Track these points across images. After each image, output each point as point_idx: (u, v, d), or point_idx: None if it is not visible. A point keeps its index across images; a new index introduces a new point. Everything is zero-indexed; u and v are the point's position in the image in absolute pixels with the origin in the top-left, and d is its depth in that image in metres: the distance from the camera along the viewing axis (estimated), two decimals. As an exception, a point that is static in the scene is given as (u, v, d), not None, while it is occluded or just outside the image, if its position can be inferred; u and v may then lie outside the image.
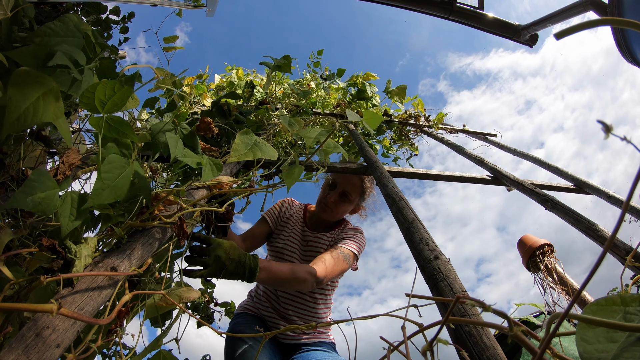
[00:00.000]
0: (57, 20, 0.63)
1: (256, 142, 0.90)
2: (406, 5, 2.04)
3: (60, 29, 0.63)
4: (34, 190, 0.52)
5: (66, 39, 0.63)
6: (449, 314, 0.36)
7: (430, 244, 0.84)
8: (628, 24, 0.26)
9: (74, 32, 0.64)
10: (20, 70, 0.56)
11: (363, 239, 1.41)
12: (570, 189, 1.86)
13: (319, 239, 1.47)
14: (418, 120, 2.86)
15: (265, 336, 0.57)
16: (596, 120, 0.25)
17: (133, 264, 0.68)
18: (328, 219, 1.50)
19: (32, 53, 0.58)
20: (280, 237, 1.50)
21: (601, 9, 1.74)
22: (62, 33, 0.63)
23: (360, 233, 1.44)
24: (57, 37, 0.61)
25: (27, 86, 0.57)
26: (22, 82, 0.56)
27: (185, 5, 1.74)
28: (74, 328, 0.52)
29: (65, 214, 0.57)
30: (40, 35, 0.60)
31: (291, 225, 1.53)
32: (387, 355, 0.42)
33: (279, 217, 1.57)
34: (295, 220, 1.55)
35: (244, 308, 1.48)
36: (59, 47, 0.61)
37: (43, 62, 0.58)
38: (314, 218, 1.55)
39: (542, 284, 1.63)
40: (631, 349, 0.27)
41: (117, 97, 0.61)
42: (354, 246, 1.34)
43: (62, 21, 0.63)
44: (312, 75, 2.78)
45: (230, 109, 1.45)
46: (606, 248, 0.25)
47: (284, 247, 1.45)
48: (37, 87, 0.58)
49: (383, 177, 1.34)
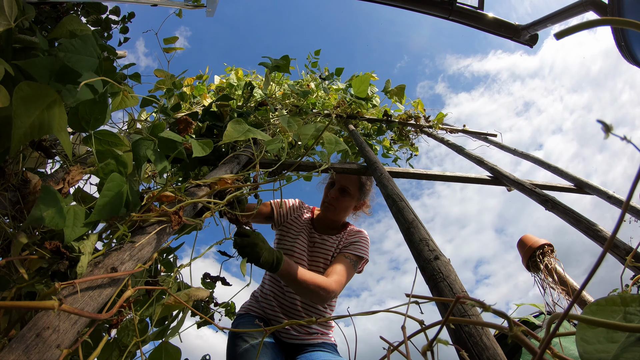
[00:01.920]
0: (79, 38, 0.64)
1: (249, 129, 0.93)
2: (406, 5, 2.04)
3: (81, 47, 0.64)
4: (46, 206, 0.56)
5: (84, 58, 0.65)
6: (449, 314, 0.36)
7: (430, 244, 0.84)
8: (628, 24, 0.26)
9: (92, 52, 0.66)
10: (23, 84, 0.57)
11: (367, 241, 1.47)
12: (571, 189, 1.86)
13: (325, 242, 1.49)
14: (418, 120, 2.86)
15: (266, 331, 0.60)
16: (596, 120, 0.25)
17: (134, 263, 0.68)
18: (332, 217, 1.53)
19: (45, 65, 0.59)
20: (288, 237, 1.52)
21: (601, 9, 1.74)
22: (82, 51, 0.64)
23: (364, 235, 1.49)
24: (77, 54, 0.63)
25: (32, 99, 0.58)
26: (26, 96, 0.57)
27: (185, 5, 1.74)
28: (75, 328, 0.52)
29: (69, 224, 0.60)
30: (63, 51, 0.61)
31: (299, 226, 1.55)
32: (387, 355, 0.42)
33: (287, 213, 1.59)
34: (303, 221, 1.57)
35: (247, 309, 1.48)
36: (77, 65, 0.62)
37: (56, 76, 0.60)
38: (320, 220, 1.58)
39: (542, 284, 1.63)
40: (631, 350, 0.27)
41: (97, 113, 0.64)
42: (361, 250, 1.40)
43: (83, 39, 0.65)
44: (312, 76, 2.78)
45: (223, 113, 1.45)
46: (606, 248, 0.25)
47: (293, 246, 1.47)
48: (42, 99, 0.59)
49: (383, 177, 1.34)
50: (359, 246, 1.41)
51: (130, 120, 1.32)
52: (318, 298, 1.16)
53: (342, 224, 1.59)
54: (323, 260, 1.45)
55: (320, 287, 1.14)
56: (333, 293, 1.18)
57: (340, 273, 1.26)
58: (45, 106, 0.60)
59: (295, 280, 1.09)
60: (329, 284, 1.18)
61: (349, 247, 1.42)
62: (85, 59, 0.65)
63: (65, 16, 0.99)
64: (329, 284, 1.18)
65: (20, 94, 0.57)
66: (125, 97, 0.98)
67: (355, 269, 1.36)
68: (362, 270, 1.47)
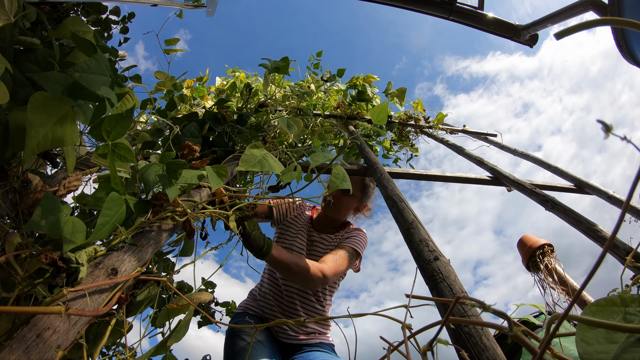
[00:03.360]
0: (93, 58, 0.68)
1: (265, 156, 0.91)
2: (406, 5, 2.04)
3: (95, 66, 0.67)
4: (46, 214, 0.56)
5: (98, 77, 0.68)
6: (448, 314, 0.36)
7: (430, 244, 0.84)
8: (628, 24, 0.26)
9: (104, 70, 0.69)
10: (39, 94, 0.59)
11: (365, 237, 1.47)
12: (571, 189, 1.86)
13: (323, 240, 1.51)
14: (418, 121, 2.86)
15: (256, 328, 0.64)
16: (596, 119, 0.25)
17: (133, 265, 0.68)
18: (332, 215, 1.54)
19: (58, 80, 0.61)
20: (287, 235, 1.53)
21: (601, 9, 1.74)
22: (95, 70, 0.68)
23: (362, 232, 1.50)
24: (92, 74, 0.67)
25: (45, 111, 0.60)
26: (41, 107, 0.59)
27: (186, 5, 1.75)
28: (75, 329, 0.53)
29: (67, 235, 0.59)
30: (79, 71, 0.64)
31: (299, 224, 1.56)
32: (387, 355, 0.42)
33: (286, 211, 1.61)
34: (303, 220, 1.58)
35: (245, 308, 1.48)
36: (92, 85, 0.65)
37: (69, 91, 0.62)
38: (321, 219, 1.59)
39: (542, 284, 1.63)
40: (631, 350, 0.27)
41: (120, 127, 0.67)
42: (356, 244, 1.40)
43: (96, 59, 0.68)
44: (313, 77, 2.78)
45: (225, 116, 1.46)
46: (606, 248, 0.25)
47: (292, 244, 1.48)
48: (55, 111, 0.62)
49: (383, 178, 1.35)
50: (355, 240, 1.42)
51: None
52: (311, 283, 1.16)
53: (341, 223, 1.60)
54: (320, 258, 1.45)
55: (312, 272, 1.14)
56: (325, 278, 1.18)
57: (333, 260, 1.27)
58: (58, 119, 0.62)
59: (286, 266, 1.09)
60: (321, 268, 1.18)
61: (346, 240, 1.43)
62: (99, 78, 0.68)
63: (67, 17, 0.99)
64: (321, 268, 1.18)
65: (35, 103, 0.58)
66: (125, 99, 0.99)
67: (350, 260, 1.35)
68: (359, 269, 1.48)
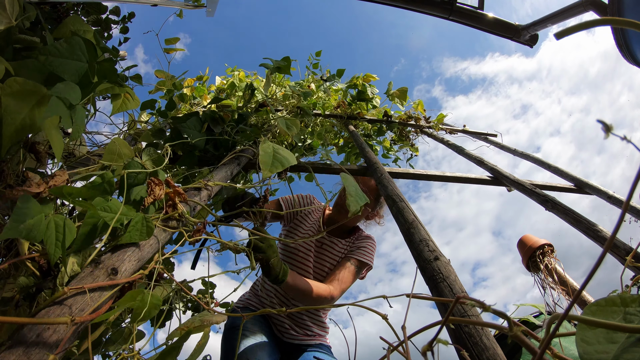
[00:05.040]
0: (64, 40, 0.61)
1: (275, 150, 0.87)
2: (407, 5, 2.04)
3: (66, 50, 0.61)
4: (24, 217, 0.52)
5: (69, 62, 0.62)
6: (448, 314, 0.36)
7: (430, 245, 0.84)
8: (628, 24, 0.26)
9: (80, 55, 0.63)
10: (11, 80, 0.55)
11: (374, 246, 1.47)
12: (571, 189, 1.85)
13: (334, 245, 1.48)
14: (418, 121, 2.86)
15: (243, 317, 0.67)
16: (596, 119, 0.25)
17: (134, 265, 0.68)
18: (343, 220, 1.49)
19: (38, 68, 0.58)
20: (295, 235, 1.50)
21: (601, 9, 1.74)
22: (67, 55, 0.61)
23: (372, 241, 1.48)
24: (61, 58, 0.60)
25: (21, 95, 0.56)
26: (15, 92, 0.55)
27: (186, 5, 1.75)
28: (75, 329, 0.52)
29: (52, 241, 0.56)
30: (45, 54, 0.59)
31: (308, 225, 1.52)
32: (387, 355, 0.42)
33: (296, 211, 1.57)
34: (313, 220, 1.54)
35: (246, 302, 1.47)
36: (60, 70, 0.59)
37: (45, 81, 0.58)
38: (331, 222, 1.55)
39: (542, 284, 1.63)
40: (631, 350, 0.27)
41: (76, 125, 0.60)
42: (366, 256, 1.40)
43: (69, 42, 0.62)
44: (312, 77, 2.78)
45: (223, 116, 1.45)
46: (606, 248, 0.25)
47: (298, 246, 1.46)
48: (31, 95, 0.57)
49: (383, 178, 1.34)
50: (364, 252, 1.41)
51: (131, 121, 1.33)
52: (319, 305, 1.20)
53: (352, 228, 1.56)
54: (329, 263, 1.44)
55: (323, 297, 1.19)
56: (333, 300, 1.24)
57: (342, 280, 1.30)
58: (35, 102, 0.57)
59: (300, 292, 1.12)
60: (331, 292, 1.23)
61: (355, 251, 1.41)
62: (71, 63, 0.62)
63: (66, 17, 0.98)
64: (331, 292, 1.23)
65: (9, 90, 0.55)
66: (126, 99, 0.98)
67: (358, 275, 1.37)
68: (364, 277, 1.46)
